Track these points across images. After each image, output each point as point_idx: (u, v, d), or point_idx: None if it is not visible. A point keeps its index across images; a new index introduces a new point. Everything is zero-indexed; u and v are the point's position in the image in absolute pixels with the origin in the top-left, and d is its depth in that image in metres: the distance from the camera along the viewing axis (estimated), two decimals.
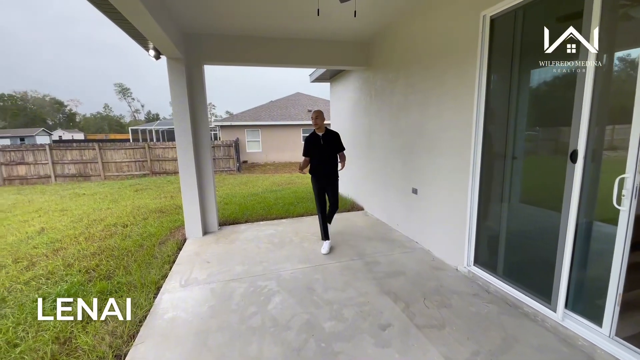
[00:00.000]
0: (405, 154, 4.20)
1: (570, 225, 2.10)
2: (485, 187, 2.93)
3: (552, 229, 2.25)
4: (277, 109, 21.11)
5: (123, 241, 4.59)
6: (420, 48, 3.72)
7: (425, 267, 3.39)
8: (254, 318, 2.56)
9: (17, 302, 2.92)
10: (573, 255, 2.13)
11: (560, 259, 2.19)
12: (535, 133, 2.49)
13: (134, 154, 13.94)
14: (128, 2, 2.60)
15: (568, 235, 2.12)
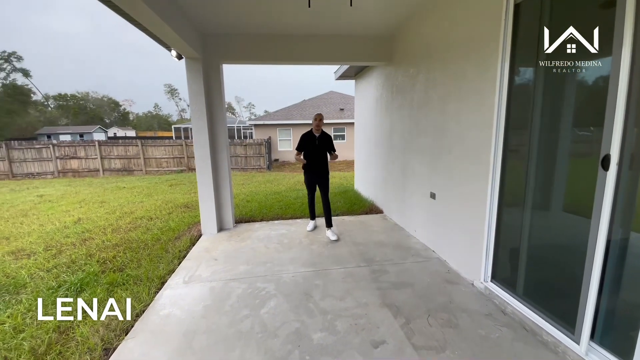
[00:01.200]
0: (424, 155, 3.90)
1: (600, 240, 1.75)
2: (506, 193, 2.59)
3: (579, 243, 1.90)
4: (310, 108, 21.16)
5: (144, 234, 4.79)
6: (440, 40, 3.41)
7: (437, 279, 3.09)
8: (245, 322, 2.49)
9: (35, 288, 3.12)
10: (603, 276, 1.78)
11: (587, 280, 1.84)
12: (563, 134, 2.12)
13: (173, 150, 14.74)
14: (142, 12, 2.69)
15: (597, 252, 1.77)
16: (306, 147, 4.42)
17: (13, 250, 4.28)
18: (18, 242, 4.68)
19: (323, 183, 4.51)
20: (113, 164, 14.38)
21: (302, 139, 4.46)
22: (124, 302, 2.74)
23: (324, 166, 4.50)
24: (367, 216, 5.43)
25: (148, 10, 2.68)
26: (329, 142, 4.51)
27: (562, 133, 2.12)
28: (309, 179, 4.56)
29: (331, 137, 4.58)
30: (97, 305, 2.70)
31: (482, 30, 2.69)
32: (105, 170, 14.34)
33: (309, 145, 4.40)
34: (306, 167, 4.52)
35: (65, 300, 2.73)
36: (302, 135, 4.49)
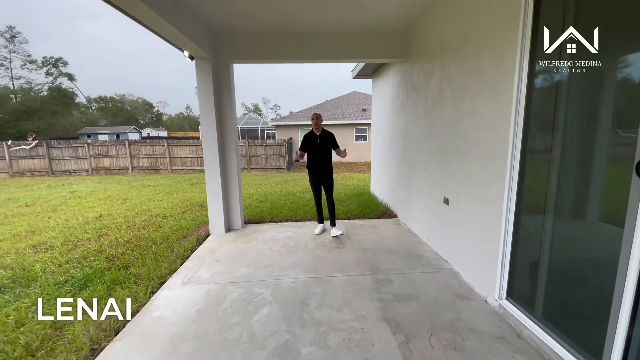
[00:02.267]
0: (438, 157, 3.63)
1: (634, 258, 1.45)
2: (525, 200, 2.29)
3: (610, 260, 1.60)
4: (332, 109, 21.02)
5: (155, 232, 4.87)
6: (455, 31, 3.14)
7: (446, 293, 2.83)
8: (234, 329, 2.38)
9: (44, 282, 3.21)
10: (637, 300, 1.48)
11: (617, 301, 1.54)
12: (592, 135, 1.82)
13: (196, 150, 15.15)
14: (142, 12, 2.68)
15: (630, 269, 1.47)
16: (308, 147, 4.41)
17: (35, 244, 4.48)
18: (41, 235, 4.91)
19: (327, 182, 4.48)
20: (141, 163, 15.02)
21: (304, 138, 4.47)
22: (123, 301, 2.74)
23: (327, 165, 4.45)
24: (379, 220, 5.18)
25: (148, 10, 2.66)
26: (332, 140, 4.48)
27: (592, 134, 1.82)
28: (313, 179, 4.51)
29: (333, 134, 4.55)
30: (96, 304, 2.70)
31: (499, 18, 2.41)
32: (134, 168, 15.00)
33: (310, 144, 4.40)
34: (309, 167, 4.50)
35: (66, 301, 2.73)
36: (304, 135, 4.47)
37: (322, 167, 4.42)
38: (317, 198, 4.57)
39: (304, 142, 4.45)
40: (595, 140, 1.79)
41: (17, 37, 35.27)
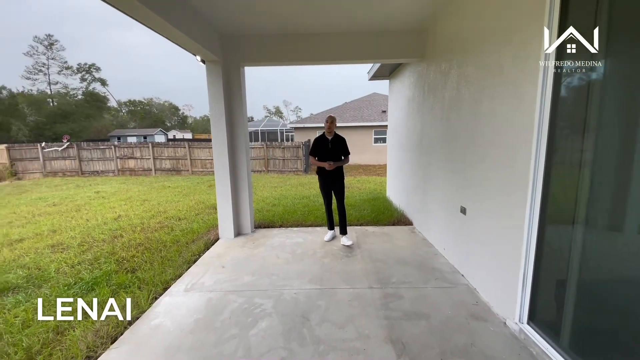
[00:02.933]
0: (455, 162, 3.38)
1: None
2: (551, 210, 2.04)
3: None
4: (351, 111, 20.80)
5: (166, 235, 4.90)
6: (473, 26, 2.91)
7: (461, 312, 2.59)
8: (230, 343, 2.28)
9: (55, 284, 3.26)
10: None
11: None
12: (630, 136, 1.56)
13: None
14: (145, 15, 2.67)
15: None
16: (319, 151, 4.23)
17: (54, 244, 4.63)
18: (61, 235, 5.08)
19: (338, 188, 4.27)
20: (164, 164, 15.46)
21: (314, 142, 4.30)
22: (124, 307, 2.72)
23: (338, 170, 4.24)
24: (393, 228, 4.95)
25: (154, 15, 2.64)
26: (343, 145, 4.27)
27: (631, 135, 1.56)
28: (324, 184, 4.32)
29: (345, 140, 4.33)
30: (97, 308, 2.69)
31: (521, 9, 2.17)
32: (157, 170, 15.47)
33: (321, 149, 4.22)
34: (319, 172, 4.30)
35: (65, 300, 2.75)
36: (315, 138, 4.31)
37: (334, 172, 4.21)
38: (328, 204, 4.41)
39: (315, 146, 4.29)
40: (635, 142, 1.53)
41: (54, 44, 37.67)
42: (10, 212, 6.87)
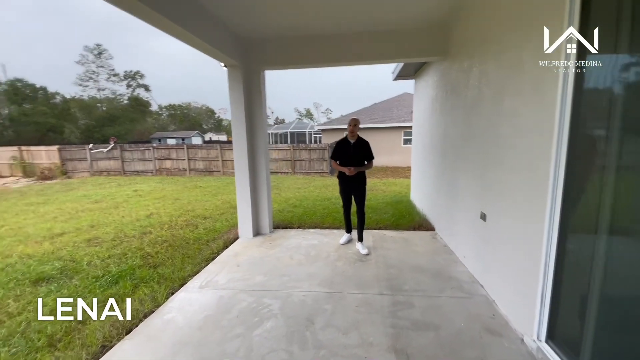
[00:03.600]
0: (476, 165, 3.20)
1: None
2: (573, 218, 1.85)
3: None
4: (380, 111, 20.48)
5: (190, 233, 5.11)
6: (494, 21, 2.73)
7: (475, 325, 2.43)
8: (234, 342, 2.32)
9: (85, 276, 3.52)
10: None
11: None
12: None
13: None
14: (158, 21, 2.79)
15: None
16: (341, 155, 4.06)
17: (90, 238, 5.01)
18: (98, 230, 5.48)
19: (359, 193, 4.09)
20: (197, 165, 16.20)
21: (336, 146, 4.12)
22: (143, 301, 2.88)
23: (359, 175, 4.02)
24: (413, 233, 4.78)
25: (163, 19, 2.75)
26: (366, 150, 4.04)
27: None
28: (344, 189, 4.15)
29: (369, 144, 4.07)
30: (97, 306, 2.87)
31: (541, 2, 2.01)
32: (191, 170, 16.24)
33: (343, 152, 4.04)
34: (340, 176, 4.13)
35: (65, 300, 2.87)
36: (337, 142, 4.13)
37: (354, 176, 3.95)
38: (347, 208, 4.26)
39: (336, 150, 4.09)
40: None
41: (103, 53, 41.02)
42: (56, 208, 7.55)
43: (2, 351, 2.24)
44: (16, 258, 4.08)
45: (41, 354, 2.22)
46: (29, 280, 3.38)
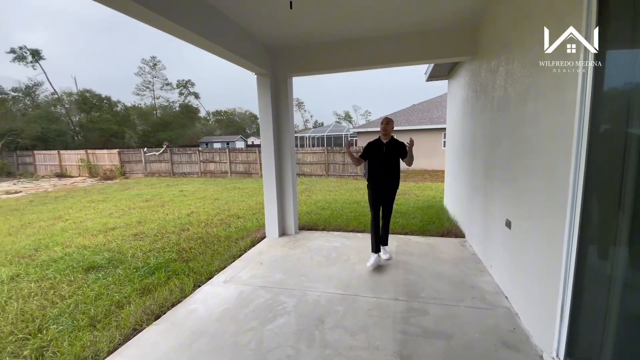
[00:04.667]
0: (502, 169, 3.03)
1: None
2: (592, 227, 1.70)
3: None
4: (418, 113, 19.88)
5: (223, 231, 5.44)
6: (517, 20, 2.59)
7: (491, 337, 2.31)
8: (247, 335, 2.45)
9: (128, 266, 3.93)
10: None
11: None
12: None
13: None
14: (186, 36, 3.06)
15: None
16: (371, 156, 3.69)
17: (137, 233, 5.55)
18: (144, 226, 6.04)
19: (388, 200, 3.72)
20: (238, 168, 17.05)
21: (366, 146, 3.75)
22: (172, 291, 3.16)
23: (393, 179, 3.66)
24: (441, 239, 4.61)
25: (201, 38, 3.03)
26: (402, 149, 3.63)
27: None
28: (374, 195, 3.70)
29: (404, 144, 3.64)
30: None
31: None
32: (232, 172, 17.13)
33: (374, 154, 3.67)
34: (370, 180, 3.72)
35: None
36: (368, 143, 3.77)
37: (387, 181, 3.63)
38: (376, 222, 3.72)
39: (366, 150, 3.72)
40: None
41: (157, 65, 44.96)
42: (113, 205, 8.45)
43: (52, 328, 2.61)
44: (74, 248, 4.66)
45: (83, 332, 2.54)
46: (82, 268, 3.86)
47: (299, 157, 15.98)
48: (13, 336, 2.54)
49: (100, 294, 3.19)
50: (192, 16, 2.90)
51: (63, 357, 2.26)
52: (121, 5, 2.30)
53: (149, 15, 2.48)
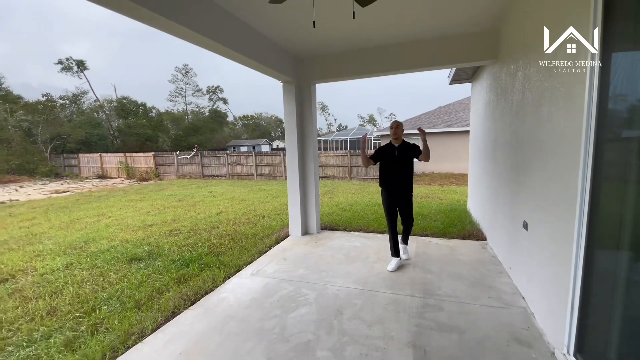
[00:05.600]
0: (519, 172, 3.08)
1: None
2: (598, 229, 1.77)
3: None
4: (444, 115, 19.52)
5: (250, 229, 5.76)
6: (533, 24, 2.66)
7: (503, 334, 2.39)
8: (271, 321, 2.69)
9: (165, 258, 4.31)
10: None
11: None
12: None
13: None
14: (232, 55, 3.41)
15: None
16: (384, 160, 3.75)
17: (172, 229, 6.01)
18: (178, 224, 6.51)
19: (405, 206, 3.75)
20: (263, 171, 17.60)
21: (378, 149, 3.83)
22: (205, 281, 3.48)
23: (406, 183, 3.69)
24: (462, 242, 4.63)
25: (231, 51, 3.34)
26: (415, 149, 3.67)
27: None
28: (389, 199, 3.73)
29: (418, 146, 3.70)
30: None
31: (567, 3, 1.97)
32: (258, 175, 17.70)
33: (386, 157, 3.72)
34: (383, 184, 3.77)
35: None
36: (381, 146, 3.87)
37: (401, 184, 3.69)
38: (392, 225, 3.73)
39: (378, 153, 3.79)
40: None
41: (189, 72, 47.34)
42: (149, 204, 9.10)
43: (104, 309, 2.98)
44: (118, 242, 5.16)
45: (130, 313, 2.89)
46: (125, 259, 4.29)
47: (322, 160, 16.22)
48: (71, 315, 2.94)
49: (142, 281, 3.56)
50: (226, 32, 3.22)
51: (115, 332, 2.60)
52: (165, 26, 2.64)
53: (194, 37, 2.84)
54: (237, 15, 3.41)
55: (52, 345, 2.45)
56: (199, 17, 2.85)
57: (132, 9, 2.31)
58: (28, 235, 5.84)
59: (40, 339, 2.54)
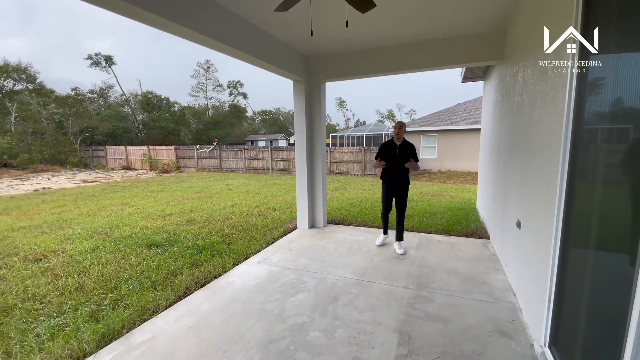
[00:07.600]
0: (515, 171, 3.16)
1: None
2: (572, 228, 1.87)
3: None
4: (462, 112, 19.13)
5: (260, 221, 6.04)
6: (528, 27, 2.73)
7: (487, 325, 2.51)
8: (272, 304, 2.93)
9: (180, 245, 4.65)
10: None
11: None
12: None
13: None
14: (244, 57, 3.64)
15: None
16: (385, 157, 4.21)
17: (189, 219, 6.39)
18: (195, 214, 6.90)
19: (401, 196, 4.24)
20: (278, 165, 17.95)
21: (381, 146, 4.29)
22: (216, 266, 3.76)
23: (404, 177, 4.19)
24: (463, 239, 4.71)
25: (252, 58, 3.60)
26: (412, 152, 4.17)
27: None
28: (387, 192, 4.28)
29: (414, 146, 4.23)
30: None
31: (552, 7, 2.05)
32: (273, 169, 18.08)
33: (388, 154, 4.19)
34: (384, 178, 4.29)
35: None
36: (382, 143, 4.31)
37: (399, 179, 4.16)
38: (387, 211, 4.39)
39: (381, 151, 4.26)
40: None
41: (210, 68, 48.34)
42: (169, 195, 9.60)
43: (124, 287, 3.32)
44: (139, 229, 5.57)
45: (147, 291, 3.21)
46: (145, 245, 4.66)
47: (335, 156, 16.35)
48: (95, 291, 3.29)
49: (159, 265, 3.90)
50: (240, 37, 3.45)
51: (133, 307, 2.91)
52: (175, 30, 2.89)
53: (207, 41, 3.08)
54: (251, 21, 3.67)
55: (79, 316, 2.80)
56: (214, 25, 3.10)
57: (149, 19, 2.56)
58: (59, 221, 6.38)
59: (68, 311, 2.90)
